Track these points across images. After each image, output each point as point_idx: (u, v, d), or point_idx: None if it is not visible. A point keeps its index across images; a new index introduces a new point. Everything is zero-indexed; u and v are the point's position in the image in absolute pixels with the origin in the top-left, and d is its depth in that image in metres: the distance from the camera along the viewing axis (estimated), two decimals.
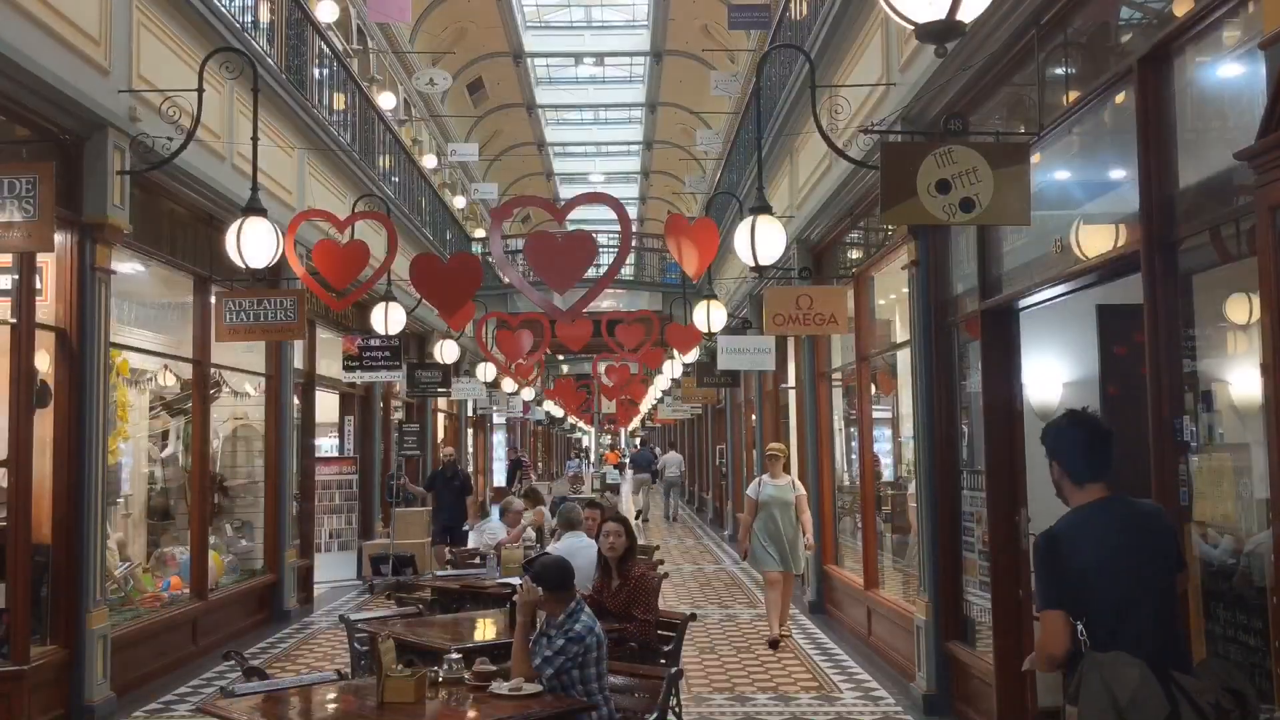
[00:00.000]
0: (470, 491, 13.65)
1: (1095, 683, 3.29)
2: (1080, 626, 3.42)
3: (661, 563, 10.37)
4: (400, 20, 18.71)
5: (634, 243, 26.79)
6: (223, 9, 9.13)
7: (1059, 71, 5.77)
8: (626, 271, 27.12)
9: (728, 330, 13.14)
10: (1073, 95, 5.57)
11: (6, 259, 6.87)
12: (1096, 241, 5.49)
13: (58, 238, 6.95)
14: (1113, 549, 3.44)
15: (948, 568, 7.39)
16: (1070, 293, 5.89)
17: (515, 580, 6.97)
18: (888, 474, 10.30)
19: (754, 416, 16.50)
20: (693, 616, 6.99)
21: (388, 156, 16.55)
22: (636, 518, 25.34)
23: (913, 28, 3.55)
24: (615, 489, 27.44)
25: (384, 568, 12.08)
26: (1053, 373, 7.19)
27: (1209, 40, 4.47)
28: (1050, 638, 3.45)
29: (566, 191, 37.29)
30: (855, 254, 10.64)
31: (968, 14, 3.39)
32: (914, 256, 7.67)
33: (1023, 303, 6.31)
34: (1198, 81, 4.68)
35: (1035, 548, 3.56)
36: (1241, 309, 4.52)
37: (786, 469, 10.05)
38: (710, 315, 11.84)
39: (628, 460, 38.27)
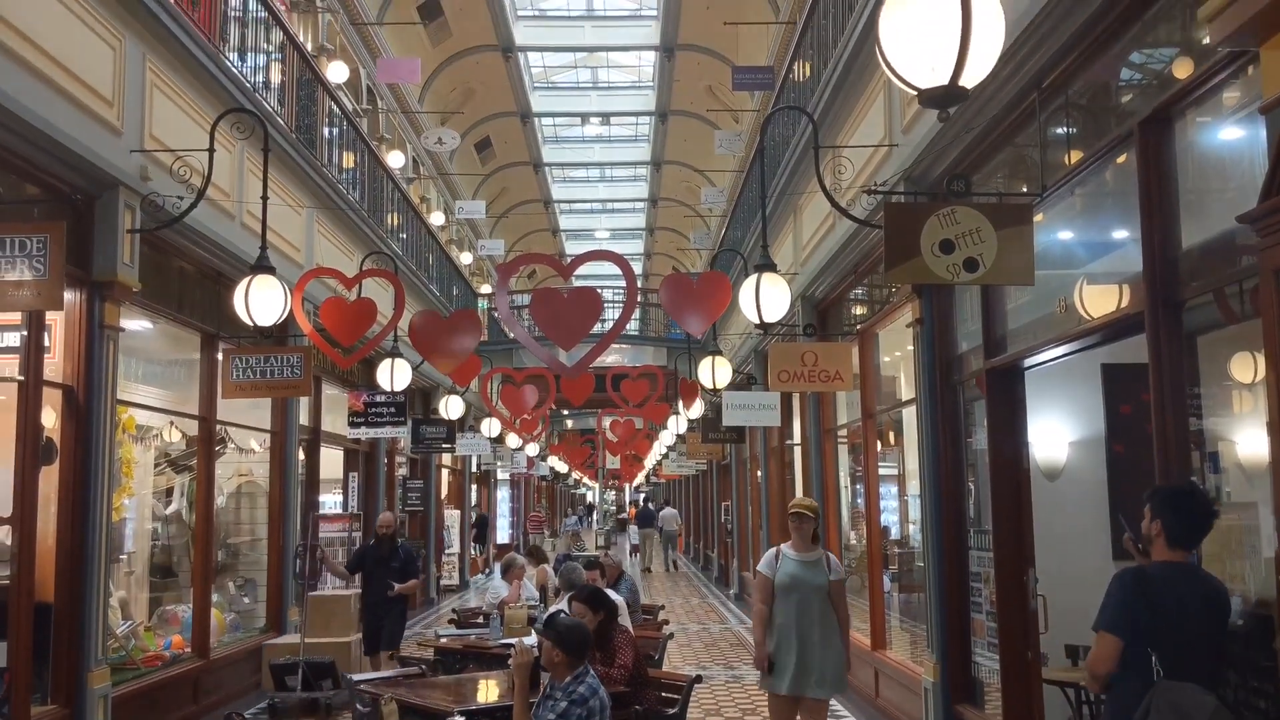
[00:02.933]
0: (415, 575, 10.47)
1: (1166, 706, 3.56)
2: (1155, 658, 3.70)
3: (666, 622, 10.30)
4: (409, 81, 19.00)
5: (638, 298, 26.92)
6: (234, 70, 9.27)
7: (1060, 132, 5.83)
8: (631, 326, 27.23)
9: (733, 386, 13.15)
10: (1075, 156, 5.62)
11: (16, 316, 6.91)
12: (1100, 301, 5.51)
13: (67, 295, 6.99)
14: (1196, 600, 3.78)
15: (955, 628, 7.32)
16: (1075, 352, 5.90)
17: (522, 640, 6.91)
18: (894, 532, 10.25)
19: (759, 473, 16.46)
20: (698, 679, 6.92)
21: (395, 214, 16.69)
22: (643, 570, 26.83)
23: (916, 93, 3.60)
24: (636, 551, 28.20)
25: (291, 680, 9.24)
26: (1059, 431, 7.19)
27: (1209, 103, 4.52)
28: (1100, 659, 3.80)
29: (572, 247, 37.54)
30: (860, 310, 10.68)
31: (970, 80, 3.43)
32: (918, 314, 7.69)
33: (1028, 362, 6.32)
34: (1198, 143, 4.72)
35: (1119, 578, 3.85)
36: (1246, 368, 4.52)
37: (816, 538, 6.71)
38: (715, 371, 11.87)
39: (628, 515, 39.04)
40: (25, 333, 6.95)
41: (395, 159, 19.99)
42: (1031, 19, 5.19)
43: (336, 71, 16.02)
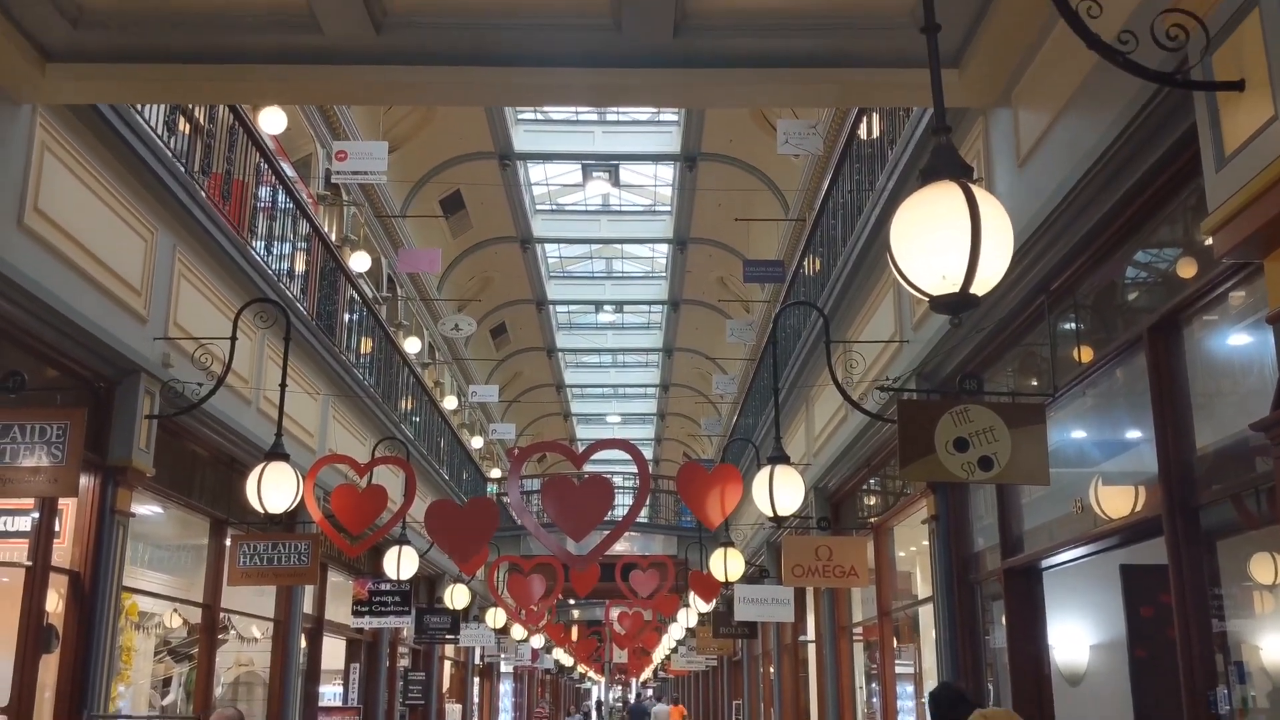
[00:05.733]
0: None
1: None
2: None
3: None
4: (429, 271, 19.49)
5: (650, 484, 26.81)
6: (260, 261, 9.53)
7: (1070, 329, 5.91)
8: (641, 514, 27.00)
9: (745, 578, 12.93)
10: (1085, 355, 5.69)
11: (29, 500, 6.90)
12: (1117, 503, 5.48)
13: (81, 480, 6.99)
14: None
15: None
16: (1093, 554, 5.83)
17: None
18: None
19: (772, 670, 16.01)
20: None
21: (410, 398, 16.83)
22: None
23: (927, 299, 3.67)
24: None
25: None
26: (1079, 634, 7.02)
27: (1217, 309, 4.60)
28: None
29: (583, 431, 37.62)
30: (873, 501, 10.60)
31: (981, 288, 3.49)
32: (934, 511, 7.62)
33: (1045, 562, 6.23)
34: (1208, 347, 4.78)
35: None
36: (1266, 569, 4.47)
37: None
38: (728, 564, 11.70)
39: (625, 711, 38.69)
40: (37, 516, 6.93)
41: (412, 344, 20.30)
42: (1038, 226, 5.33)
43: (359, 261, 16.44)
